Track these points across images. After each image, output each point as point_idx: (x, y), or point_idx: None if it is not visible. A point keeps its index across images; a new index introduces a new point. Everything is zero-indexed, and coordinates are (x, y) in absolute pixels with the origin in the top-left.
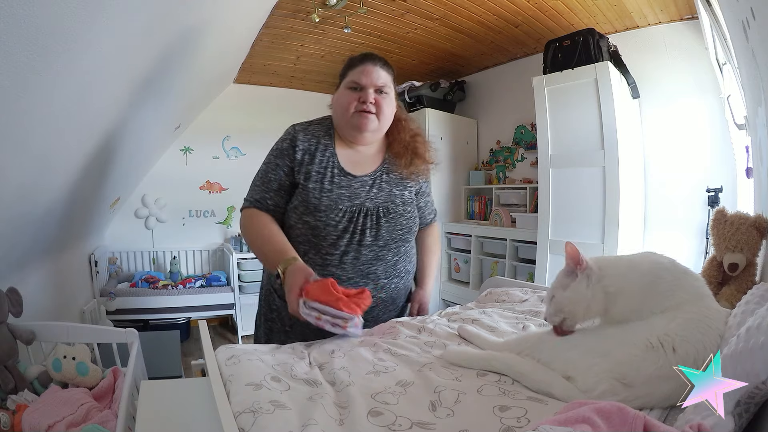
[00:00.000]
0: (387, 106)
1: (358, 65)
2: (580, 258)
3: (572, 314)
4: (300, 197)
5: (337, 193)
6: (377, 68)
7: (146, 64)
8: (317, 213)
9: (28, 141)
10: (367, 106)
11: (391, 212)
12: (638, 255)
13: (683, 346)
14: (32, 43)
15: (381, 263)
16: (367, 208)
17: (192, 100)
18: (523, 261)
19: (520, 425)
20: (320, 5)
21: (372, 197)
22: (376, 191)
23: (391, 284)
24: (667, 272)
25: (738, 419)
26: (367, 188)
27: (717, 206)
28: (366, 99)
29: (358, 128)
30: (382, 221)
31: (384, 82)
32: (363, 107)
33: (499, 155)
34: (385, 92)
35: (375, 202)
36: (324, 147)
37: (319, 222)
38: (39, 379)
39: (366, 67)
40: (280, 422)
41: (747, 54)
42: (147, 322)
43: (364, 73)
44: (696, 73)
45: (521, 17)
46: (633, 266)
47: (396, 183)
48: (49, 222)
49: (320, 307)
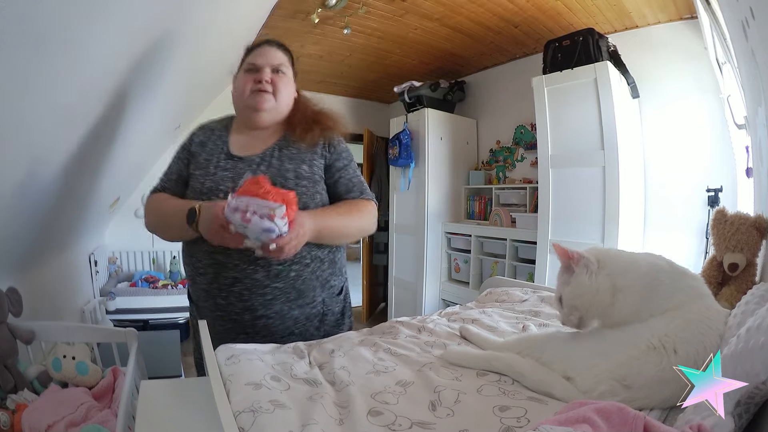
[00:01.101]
0: (284, 86)
1: (255, 49)
2: (570, 252)
3: (584, 308)
4: (189, 185)
5: (221, 176)
6: (273, 48)
7: (146, 64)
8: (201, 197)
9: (28, 140)
10: (263, 84)
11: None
12: (638, 254)
13: (684, 347)
14: (33, 43)
15: None
16: None
17: (192, 100)
18: (523, 261)
19: (519, 425)
20: (320, 6)
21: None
22: (264, 169)
23: (290, 271)
24: (665, 275)
25: (738, 419)
26: (254, 167)
27: (717, 206)
28: (261, 78)
29: (254, 107)
30: None
31: (280, 62)
32: (259, 86)
33: (499, 155)
34: (282, 71)
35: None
36: (217, 137)
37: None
38: (39, 379)
39: (262, 49)
40: (279, 422)
41: (747, 54)
42: (147, 322)
43: (260, 53)
44: (696, 73)
45: (521, 17)
46: (633, 264)
47: (291, 158)
48: (48, 222)
49: (247, 200)
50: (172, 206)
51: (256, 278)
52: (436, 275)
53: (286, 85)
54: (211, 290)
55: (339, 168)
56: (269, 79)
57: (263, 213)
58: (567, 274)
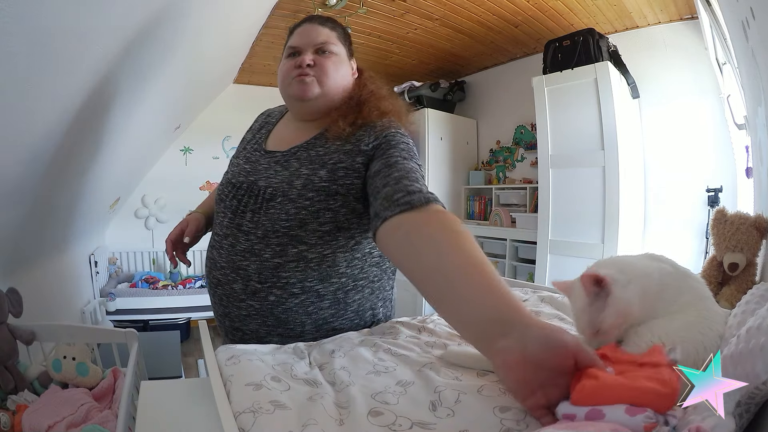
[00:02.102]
0: (332, 65)
1: (296, 29)
2: (598, 276)
3: (626, 323)
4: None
5: (242, 168)
6: (315, 26)
7: (146, 64)
8: (220, 186)
9: (28, 141)
10: (304, 69)
11: (279, 196)
12: (644, 258)
13: (683, 346)
14: (33, 44)
15: (255, 259)
16: (259, 187)
17: (192, 101)
18: (523, 261)
19: (519, 427)
20: (320, 5)
21: (270, 176)
22: (279, 169)
23: (269, 295)
24: (671, 278)
25: (738, 419)
26: (272, 165)
27: (717, 206)
28: (302, 63)
29: (297, 97)
30: (267, 205)
31: (325, 39)
32: (299, 71)
33: (499, 155)
34: (329, 51)
35: (269, 182)
36: (268, 124)
37: (217, 195)
38: (39, 380)
39: (302, 28)
40: (280, 422)
41: (747, 54)
42: (147, 323)
43: (300, 33)
44: (696, 73)
45: (521, 17)
46: (646, 270)
47: (312, 160)
48: (49, 222)
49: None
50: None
51: (234, 288)
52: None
53: (336, 66)
54: (208, 283)
55: (379, 169)
56: (312, 61)
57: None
58: (599, 302)
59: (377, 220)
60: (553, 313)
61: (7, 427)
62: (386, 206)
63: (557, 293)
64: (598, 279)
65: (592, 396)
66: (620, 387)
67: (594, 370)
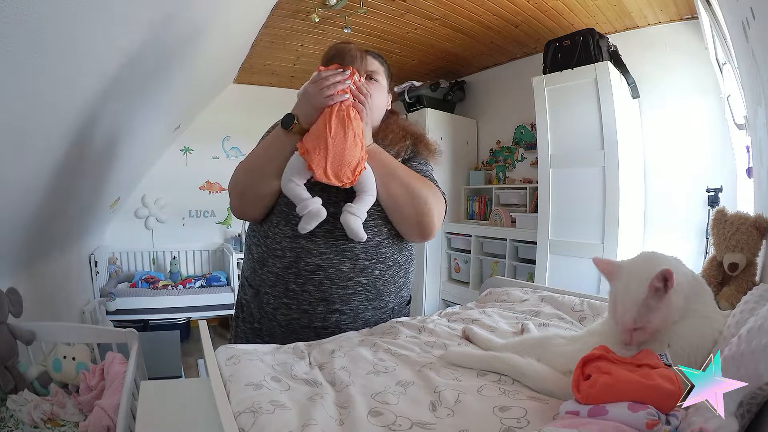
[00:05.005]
0: (376, 93)
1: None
2: (672, 276)
3: (665, 327)
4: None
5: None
6: (367, 56)
7: (146, 64)
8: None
9: (28, 141)
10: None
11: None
12: (677, 262)
13: (680, 342)
14: (33, 44)
15: (359, 240)
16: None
17: (192, 101)
18: (523, 261)
19: (520, 426)
20: (320, 5)
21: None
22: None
23: (375, 270)
24: (684, 278)
25: (740, 420)
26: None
27: (717, 206)
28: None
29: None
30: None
31: (373, 69)
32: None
33: (499, 155)
34: (375, 79)
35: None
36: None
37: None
38: (39, 379)
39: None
40: (280, 422)
41: (747, 54)
42: (147, 323)
43: (350, 60)
44: (696, 73)
45: (521, 17)
46: (686, 280)
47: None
48: (49, 222)
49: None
50: (261, 145)
51: (342, 269)
52: (437, 275)
53: (379, 92)
54: (287, 275)
55: (418, 170)
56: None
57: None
58: (653, 299)
59: None
60: (554, 313)
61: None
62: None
63: (557, 293)
64: (668, 277)
65: (604, 391)
66: (635, 383)
67: (606, 364)
